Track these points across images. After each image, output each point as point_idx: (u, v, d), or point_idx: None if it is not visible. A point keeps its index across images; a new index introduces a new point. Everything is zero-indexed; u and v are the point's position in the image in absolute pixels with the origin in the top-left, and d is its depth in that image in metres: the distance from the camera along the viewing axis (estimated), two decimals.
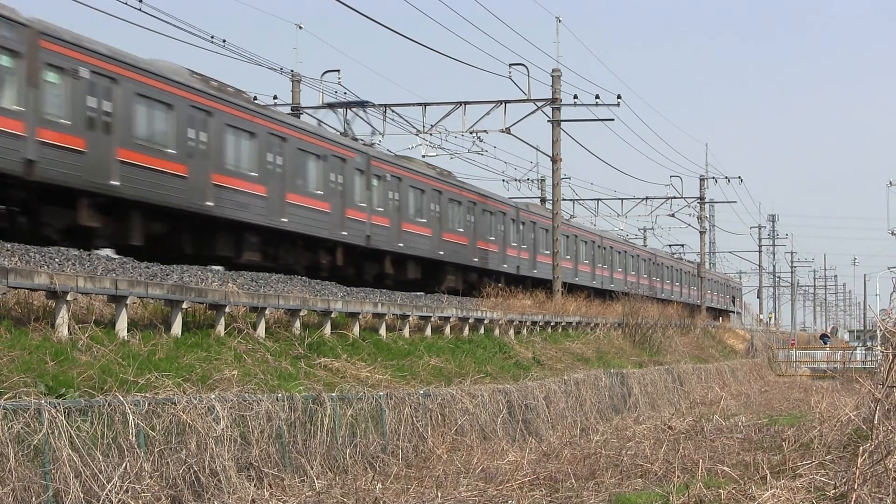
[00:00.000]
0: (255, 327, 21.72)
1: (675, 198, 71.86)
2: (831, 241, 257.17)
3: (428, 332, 28.84)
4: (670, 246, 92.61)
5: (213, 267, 27.35)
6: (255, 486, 15.92)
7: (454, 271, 43.57)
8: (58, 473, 13.39)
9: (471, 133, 44.85)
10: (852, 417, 20.61)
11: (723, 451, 22.02)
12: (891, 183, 74.47)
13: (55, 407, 13.63)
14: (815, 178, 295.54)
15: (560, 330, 39.22)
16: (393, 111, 44.16)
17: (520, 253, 50.16)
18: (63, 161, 23.97)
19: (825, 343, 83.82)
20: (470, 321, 31.83)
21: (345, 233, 34.88)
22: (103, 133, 25.10)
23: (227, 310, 21.17)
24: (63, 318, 17.20)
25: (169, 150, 27.28)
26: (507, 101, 43.58)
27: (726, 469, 18.36)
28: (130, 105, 26.06)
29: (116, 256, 24.62)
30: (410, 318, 28.09)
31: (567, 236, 56.12)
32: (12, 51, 22.90)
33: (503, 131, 43.77)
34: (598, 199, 72.41)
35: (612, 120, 46.13)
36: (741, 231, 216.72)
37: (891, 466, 15.23)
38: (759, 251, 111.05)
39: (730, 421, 28.69)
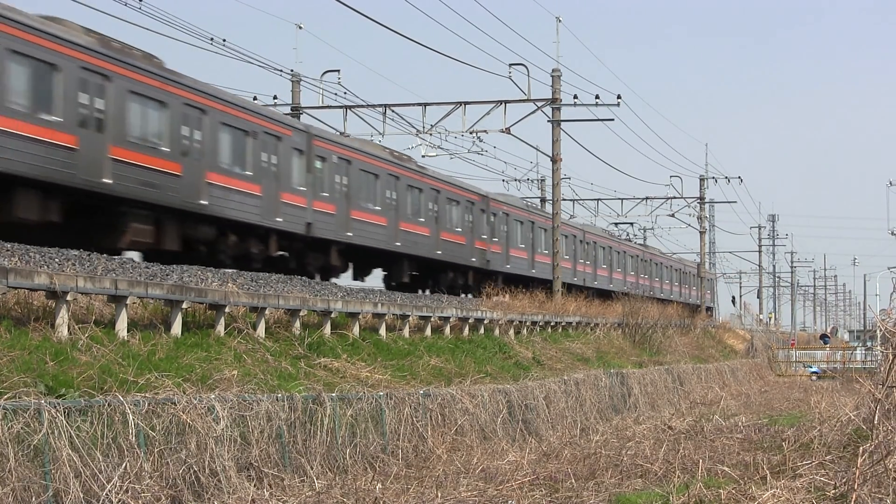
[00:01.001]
0: (255, 327, 21.72)
1: (675, 198, 71.88)
2: (831, 241, 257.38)
3: (428, 332, 28.85)
4: (616, 224, 75.69)
5: (213, 267, 27.12)
6: (255, 486, 15.92)
7: (143, 219, 26.71)
8: (58, 473, 13.39)
9: (471, 133, 44.88)
10: (852, 417, 20.65)
11: (723, 451, 22.02)
12: (891, 183, 74.58)
13: (55, 407, 13.63)
14: (815, 178, 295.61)
15: (560, 330, 39.22)
16: (393, 111, 44.19)
17: (311, 202, 32.97)
18: None
19: (825, 343, 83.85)
20: (470, 321, 31.84)
21: None
22: None
23: (227, 310, 21.17)
24: (63, 318, 17.20)
25: None
26: (507, 101, 43.61)
27: (726, 469, 18.36)
28: None
29: (116, 256, 24.47)
30: (410, 318, 28.10)
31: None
32: None
33: (503, 131, 43.79)
34: (598, 199, 72.37)
35: (612, 120, 46.19)
36: (741, 231, 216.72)
37: (891, 466, 15.24)
38: (759, 251, 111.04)
39: (730, 421, 28.69)
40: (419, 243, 39.40)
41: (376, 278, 40.63)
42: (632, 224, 77.98)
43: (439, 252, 41.01)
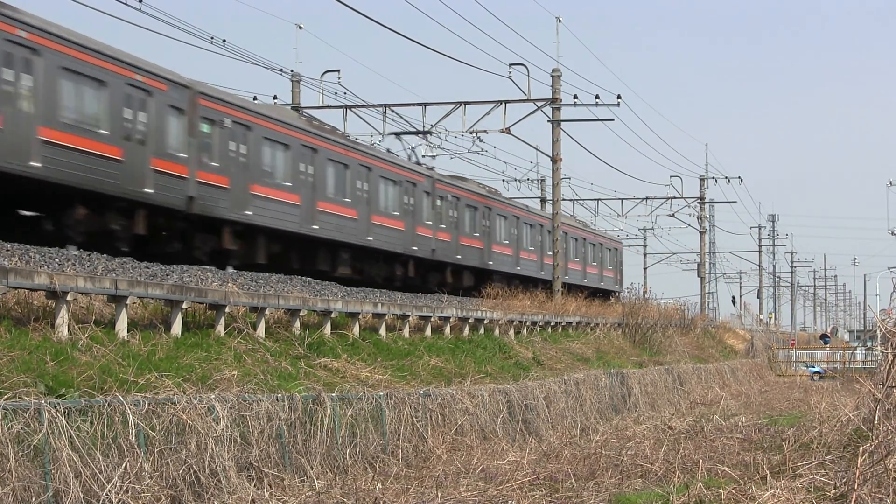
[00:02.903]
0: (255, 327, 21.72)
1: (675, 198, 71.96)
2: (831, 241, 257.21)
3: (428, 332, 28.85)
4: (398, 136, 45.70)
5: (213, 267, 27.28)
6: (255, 486, 15.91)
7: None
8: (58, 473, 13.38)
9: (471, 133, 44.95)
10: (852, 417, 20.66)
11: (723, 451, 22.01)
12: (891, 183, 74.57)
13: (55, 407, 13.63)
14: (815, 177, 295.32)
15: (560, 330, 39.22)
16: (393, 111, 44.21)
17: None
18: None
19: (825, 343, 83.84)
20: (470, 321, 31.83)
21: None
22: None
23: (226, 310, 21.17)
24: (63, 318, 17.20)
25: None
26: (507, 101, 43.68)
27: (726, 469, 18.35)
28: None
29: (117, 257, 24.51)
30: (410, 318, 28.09)
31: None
32: None
33: (503, 131, 43.84)
34: (598, 199, 72.41)
35: (612, 120, 46.30)
36: (741, 231, 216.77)
37: (891, 466, 15.23)
38: (759, 251, 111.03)
39: (730, 421, 28.68)
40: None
41: None
42: (425, 134, 45.48)
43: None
